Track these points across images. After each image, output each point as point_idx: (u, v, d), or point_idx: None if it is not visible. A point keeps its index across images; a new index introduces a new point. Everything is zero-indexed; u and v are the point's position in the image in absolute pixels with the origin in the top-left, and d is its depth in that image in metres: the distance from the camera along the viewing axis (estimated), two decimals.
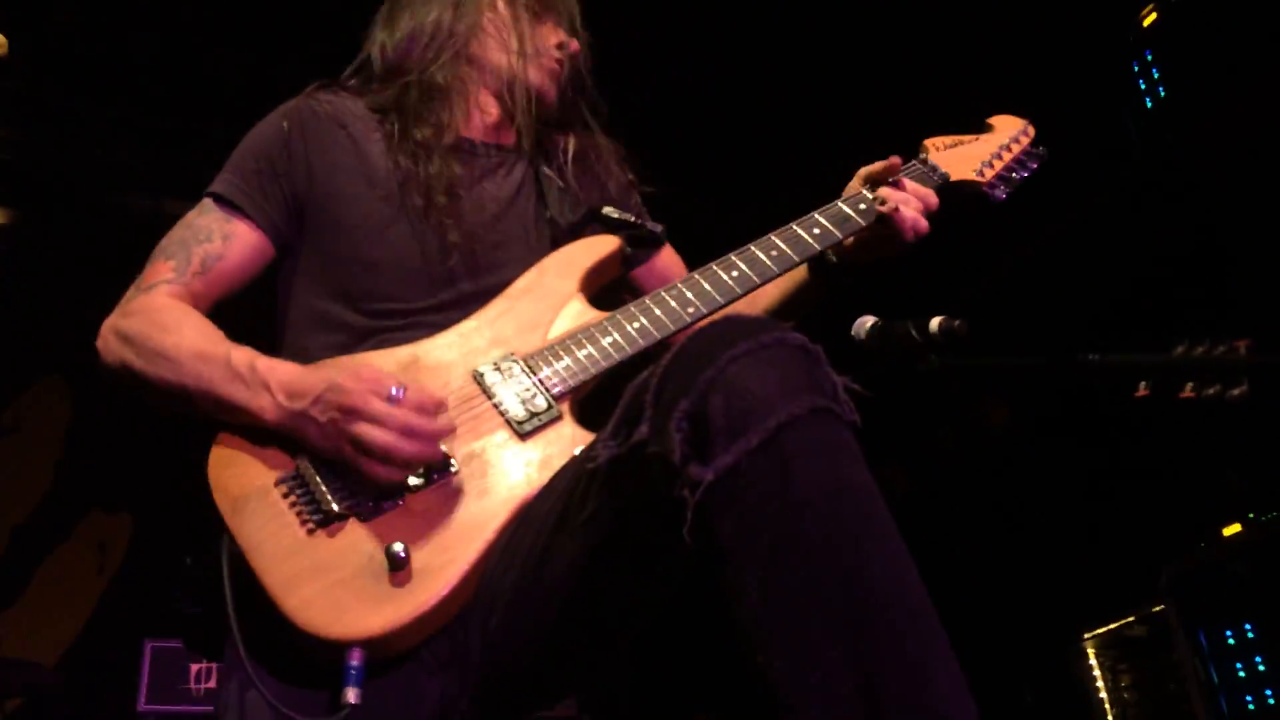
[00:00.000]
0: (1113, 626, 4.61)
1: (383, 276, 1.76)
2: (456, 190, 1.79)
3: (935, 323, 1.85)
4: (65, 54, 5.64)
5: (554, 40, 2.00)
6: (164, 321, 1.68)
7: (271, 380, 1.55)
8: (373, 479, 1.48)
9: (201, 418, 1.63)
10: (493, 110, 1.96)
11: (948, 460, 6.43)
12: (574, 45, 2.01)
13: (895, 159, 1.86)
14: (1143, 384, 1.67)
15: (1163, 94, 4.67)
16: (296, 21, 5.21)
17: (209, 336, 1.66)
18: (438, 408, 1.51)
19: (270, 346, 1.75)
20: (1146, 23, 4.77)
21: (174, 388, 1.62)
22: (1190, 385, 1.60)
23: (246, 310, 1.85)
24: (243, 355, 1.60)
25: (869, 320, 1.96)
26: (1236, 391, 1.55)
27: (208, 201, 1.85)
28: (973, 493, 6.23)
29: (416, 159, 1.81)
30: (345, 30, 2.09)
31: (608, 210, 1.93)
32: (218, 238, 1.79)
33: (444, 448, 1.52)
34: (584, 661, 1.52)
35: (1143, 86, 4.72)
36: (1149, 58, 4.74)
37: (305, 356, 1.72)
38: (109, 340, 1.73)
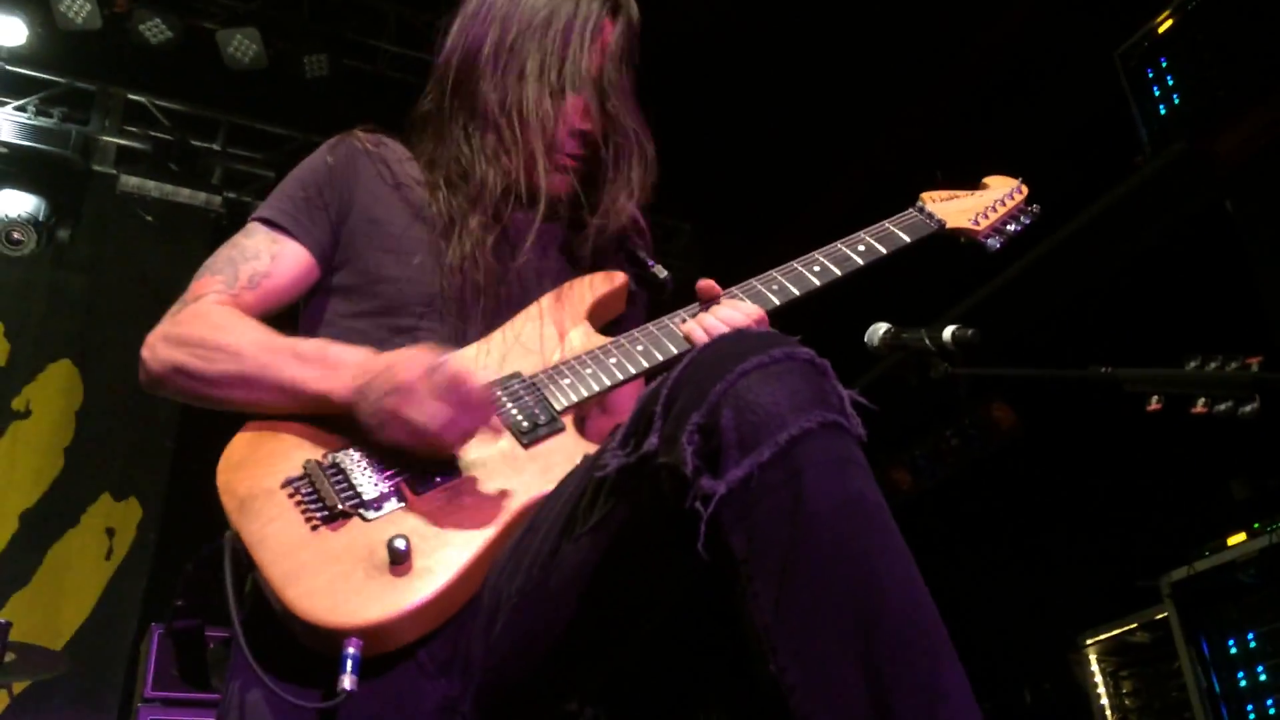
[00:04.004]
0: (1115, 632, 4.62)
1: (411, 297, 1.81)
2: (485, 236, 1.83)
3: (949, 331, 1.87)
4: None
5: (571, 127, 1.88)
6: (219, 323, 1.72)
7: (347, 358, 1.61)
8: (416, 446, 1.51)
9: (254, 409, 1.66)
10: (524, 169, 1.96)
11: (953, 463, 6.44)
12: (588, 126, 1.89)
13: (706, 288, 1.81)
14: (1155, 398, 1.68)
15: (1177, 101, 4.66)
16: None
17: (268, 330, 1.71)
18: (486, 393, 1.53)
19: None
20: (1162, 29, 4.75)
21: (235, 379, 1.65)
22: (1202, 400, 1.61)
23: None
24: (312, 342, 1.67)
25: (882, 327, 1.98)
26: (1248, 408, 1.56)
27: (254, 225, 1.89)
28: (977, 496, 6.24)
29: (450, 204, 1.86)
30: None
31: (631, 246, 1.98)
32: (265, 256, 1.84)
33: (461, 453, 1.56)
34: (588, 667, 1.54)
35: (1157, 93, 4.71)
36: (1163, 64, 4.73)
37: None
38: (157, 348, 1.74)
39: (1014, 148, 4.69)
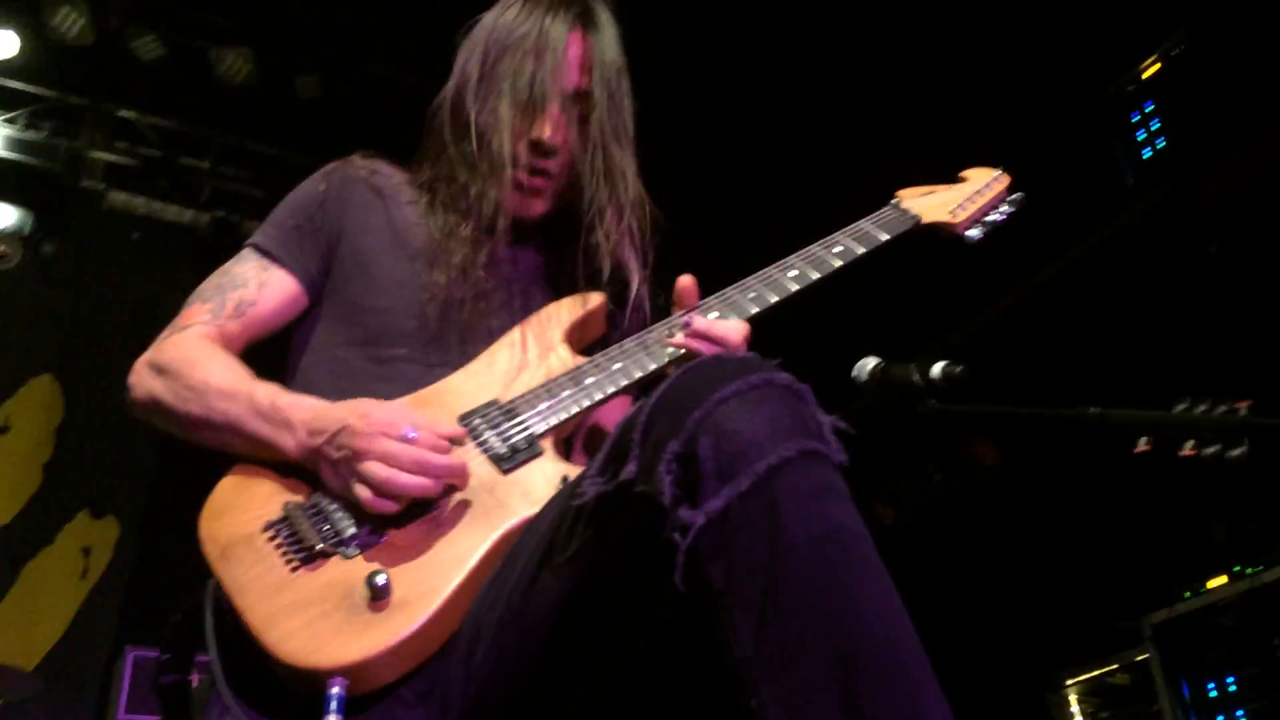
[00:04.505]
0: (1095, 673, 4.61)
1: (392, 328, 1.82)
2: (474, 259, 1.85)
3: (938, 367, 1.86)
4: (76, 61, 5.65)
5: (532, 137, 1.86)
6: (193, 358, 1.73)
7: (294, 418, 1.60)
8: (372, 510, 1.51)
9: (226, 450, 1.68)
10: (504, 198, 1.96)
11: (935, 498, 6.43)
12: (554, 139, 1.86)
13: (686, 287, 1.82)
14: (1143, 439, 1.68)
15: (1161, 145, 4.70)
16: None
17: (236, 374, 1.71)
18: (450, 438, 1.56)
19: (278, 380, 1.79)
20: (1147, 74, 4.80)
21: (200, 421, 1.68)
22: (1191, 443, 1.61)
23: (259, 346, 1.91)
24: (266, 392, 1.66)
25: (870, 361, 1.97)
26: (1236, 452, 1.56)
27: (247, 251, 1.92)
28: (959, 532, 6.23)
29: (440, 230, 1.88)
30: None
31: (615, 267, 1.96)
32: (253, 285, 1.86)
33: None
34: (569, 696, 1.52)
35: (1141, 137, 4.76)
36: (1149, 109, 4.78)
37: (310, 390, 1.74)
38: (142, 375, 1.77)
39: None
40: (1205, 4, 4.56)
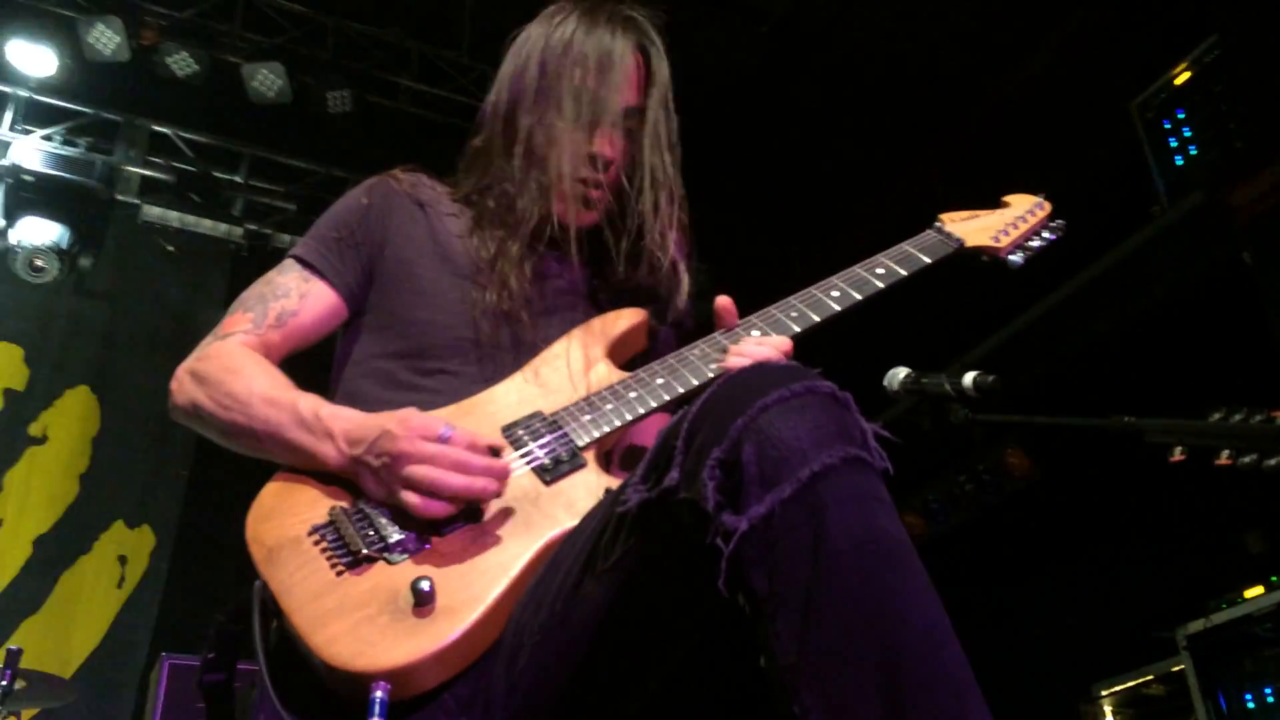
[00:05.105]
0: (1131, 684, 4.57)
1: (437, 340, 1.84)
2: (520, 273, 1.87)
3: (970, 377, 1.86)
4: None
5: (591, 151, 1.90)
6: (236, 367, 1.75)
7: (335, 428, 1.62)
8: (423, 515, 1.52)
9: (265, 458, 1.70)
10: (556, 209, 1.99)
11: (966, 508, 6.40)
12: (612, 154, 1.91)
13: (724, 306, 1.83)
14: (1178, 449, 1.67)
15: (1194, 152, 4.67)
16: None
17: (278, 383, 1.73)
18: (490, 447, 1.57)
19: (323, 392, 1.81)
20: (1178, 81, 4.77)
21: (243, 430, 1.69)
22: (1227, 452, 1.60)
23: (301, 357, 1.93)
24: (309, 403, 1.67)
25: (902, 371, 1.98)
26: (1273, 461, 1.56)
27: (289, 262, 1.94)
28: (990, 543, 6.20)
29: (486, 243, 1.90)
30: None
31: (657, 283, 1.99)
32: (295, 295, 1.88)
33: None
34: (611, 703, 1.53)
35: (1174, 144, 4.73)
36: (1180, 116, 4.75)
37: (355, 401, 1.77)
38: (184, 382, 1.79)
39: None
40: (1235, 10, 4.54)
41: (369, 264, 1.93)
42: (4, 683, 3.56)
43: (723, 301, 1.83)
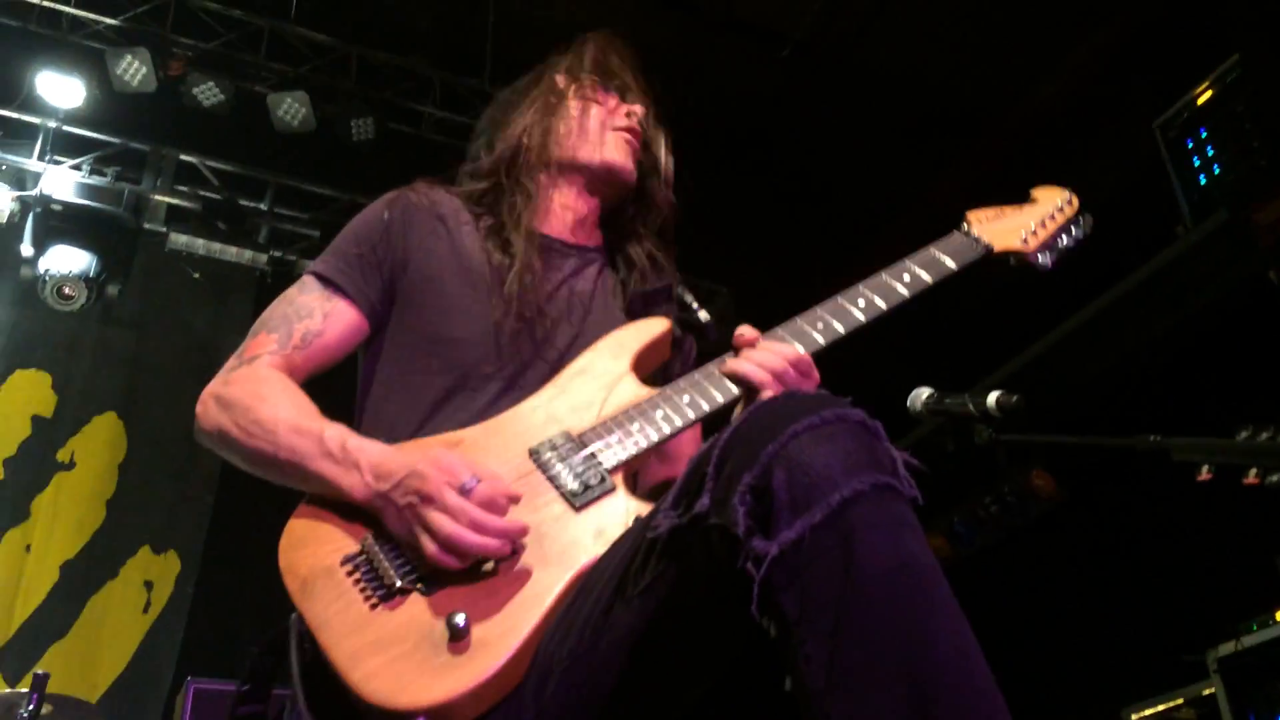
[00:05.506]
0: (1161, 708, 4.52)
1: (461, 353, 1.84)
2: (537, 283, 1.89)
3: (993, 397, 1.85)
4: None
5: (619, 110, 2.11)
6: (263, 393, 1.74)
7: (361, 460, 1.61)
8: (436, 563, 1.51)
9: (290, 486, 1.69)
10: (574, 210, 2.07)
11: (991, 530, 6.35)
12: (637, 109, 2.11)
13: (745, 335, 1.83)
14: (1205, 467, 1.67)
15: (1217, 171, 4.66)
16: None
17: (304, 411, 1.72)
18: (509, 502, 1.56)
19: (347, 408, 1.81)
20: (1201, 101, 4.76)
21: (268, 457, 1.69)
22: (1254, 471, 1.59)
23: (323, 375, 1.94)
24: (335, 433, 1.66)
25: (925, 392, 1.97)
26: None
27: (310, 279, 1.93)
28: (1016, 565, 6.15)
29: (504, 253, 1.92)
30: None
31: (679, 291, 2.02)
32: (318, 315, 1.87)
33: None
34: None
35: (1197, 164, 4.71)
36: (1203, 134, 4.74)
37: (383, 420, 1.80)
38: (209, 406, 1.78)
39: None
40: (1256, 29, 4.53)
41: (390, 281, 1.92)
42: (31, 707, 3.58)
43: (744, 333, 1.81)
